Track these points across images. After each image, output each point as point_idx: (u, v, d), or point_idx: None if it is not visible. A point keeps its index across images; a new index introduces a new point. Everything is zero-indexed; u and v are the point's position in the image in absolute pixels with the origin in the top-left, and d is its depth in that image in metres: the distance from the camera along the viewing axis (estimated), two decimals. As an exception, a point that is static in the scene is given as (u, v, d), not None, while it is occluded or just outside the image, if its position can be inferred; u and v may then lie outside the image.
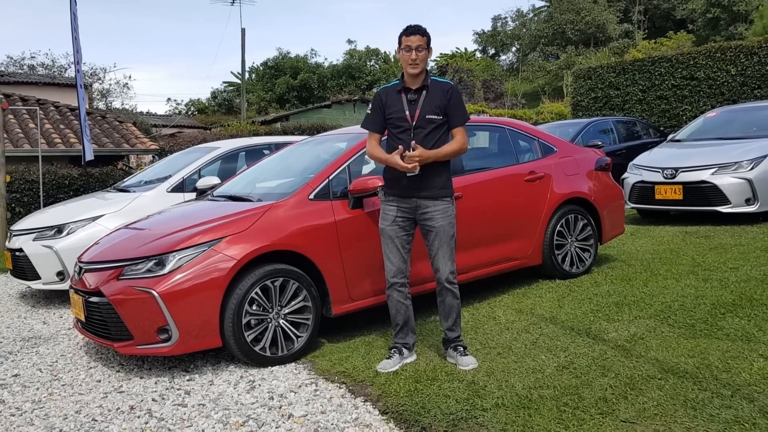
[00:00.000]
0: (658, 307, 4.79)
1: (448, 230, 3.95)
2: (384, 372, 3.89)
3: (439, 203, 3.95)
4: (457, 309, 4.04)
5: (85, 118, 9.96)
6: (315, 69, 40.47)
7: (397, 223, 3.99)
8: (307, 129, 17.09)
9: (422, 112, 3.90)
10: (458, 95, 4.00)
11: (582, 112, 16.90)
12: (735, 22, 33.29)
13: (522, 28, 47.74)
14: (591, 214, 6.12)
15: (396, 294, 4.05)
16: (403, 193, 3.96)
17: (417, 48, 3.84)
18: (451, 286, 3.99)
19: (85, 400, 3.89)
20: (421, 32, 3.87)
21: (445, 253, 3.96)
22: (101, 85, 30.94)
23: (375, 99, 4.08)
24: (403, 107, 3.93)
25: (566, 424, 3.06)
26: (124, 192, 7.37)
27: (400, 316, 4.07)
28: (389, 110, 3.97)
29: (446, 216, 3.95)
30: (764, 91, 13.49)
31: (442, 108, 3.91)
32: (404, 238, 4.01)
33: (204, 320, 4.06)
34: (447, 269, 3.97)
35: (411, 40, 3.85)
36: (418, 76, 3.91)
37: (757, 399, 3.15)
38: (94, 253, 4.71)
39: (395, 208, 3.99)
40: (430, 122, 3.89)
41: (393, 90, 4.02)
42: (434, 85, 3.96)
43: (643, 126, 13.27)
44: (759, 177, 8.00)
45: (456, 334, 4.05)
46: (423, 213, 3.96)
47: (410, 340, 4.13)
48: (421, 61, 3.87)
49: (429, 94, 3.92)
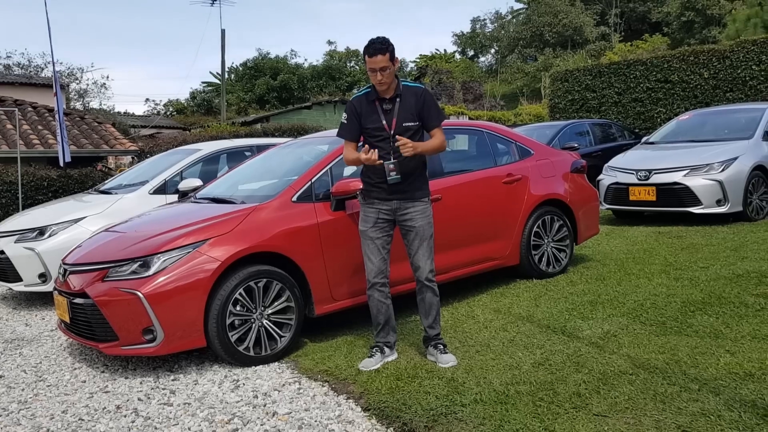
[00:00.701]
0: (630, 306, 4.95)
1: (428, 230, 4.08)
2: (366, 370, 3.99)
3: (419, 204, 4.08)
4: (436, 307, 4.16)
5: (62, 121, 9.92)
6: (295, 70, 40.46)
7: (378, 225, 4.09)
8: (287, 130, 17.11)
9: (399, 120, 3.98)
10: (431, 98, 4.09)
11: (559, 114, 17.15)
12: (709, 25, 33.89)
13: (501, 30, 48.14)
14: (567, 215, 6.28)
15: (377, 294, 4.15)
16: (383, 196, 4.06)
17: (381, 69, 3.87)
18: (431, 284, 4.12)
19: (71, 400, 3.94)
20: (382, 51, 3.86)
21: (425, 252, 4.08)
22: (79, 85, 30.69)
23: (349, 108, 4.12)
24: (379, 117, 4.00)
25: (541, 418, 3.18)
26: (106, 194, 7.38)
27: (382, 315, 4.17)
28: (365, 120, 4.04)
29: (425, 216, 4.08)
30: (736, 95, 13.80)
31: (416, 113, 4.01)
32: (385, 240, 4.12)
33: (188, 321, 4.13)
34: (427, 267, 4.09)
35: (375, 62, 3.86)
36: (389, 88, 3.99)
37: (723, 392, 3.30)
38: (78, 255, 4.75)
39: (376, 211, 4.09)
40: (407, 129, 3.98)
41: (365, 99, 4.06)
42: (406, 92, 4.03)
43: (619, 128, 13.52)
44: (729, 179, 8.23)
45: (436, 332, 4.17)
46: (403, 214, 4.08)
47: (391, 339, 4.23)
48: (387, 79, 3.91)
49: (403, 102, 4.01)
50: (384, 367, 4.04)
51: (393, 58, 3.93)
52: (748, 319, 4.42)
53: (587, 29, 40.61)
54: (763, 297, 4.88)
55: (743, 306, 4.71)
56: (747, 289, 5.12)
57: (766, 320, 4.36)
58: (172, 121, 36.59)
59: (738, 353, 3.80)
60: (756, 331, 4.15)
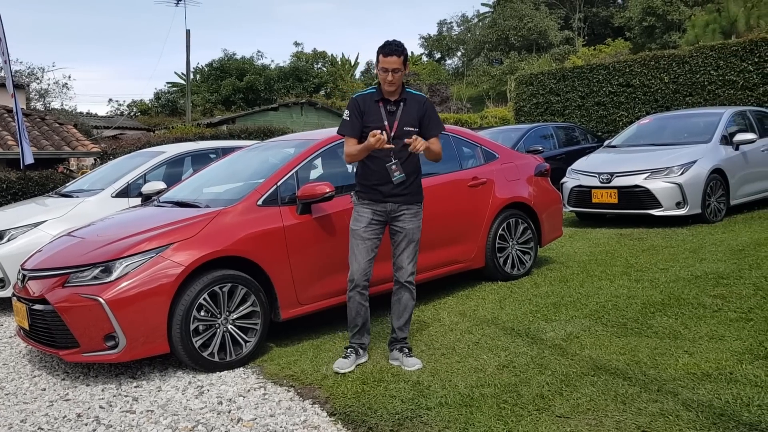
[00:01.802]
0: (593, 307, 5.03)
1: (416, 233, 4.17)
2: (341, 371, 4.02)
3: (413, 207, 4.16)
4: (410, 310, 4.21)
5: (22, 120, 9.69)
6: (261, 71, 40.14)
7: (371, 226, 4.13)
8: (254, 132, 16.99)
9: (401, 123, 4.06)
10: (432, 107, 4.23)
11: (524, 117, 17.34)
12: (669, 30, 34.67)
13: (467, 33, 48.58)
14: (531, 218, 6.36)
15: (358, 296, 4.16)
16: (379, 198, 4.11)
17: (393, 70, 3.96)
18: (410, 286, 4.19)
19: (30, 408, 3.86)
20: (398, 53, 3.95)
21: (410, 254, 4.16)
22: (39, 85, 29.98)
23: (352, 105, 4.13)
24: (381, 117, 4.06)
25: (505, 420, 3.22)
26: (67, 197, 7.25)
27: (360, 317, 4.20)
28: (367, 118, 4.08)
29: (417, 219, 4.17)
30: (695, 99, 14.12)
31: (418, 120, 4.10)
32: (374, 242, 4.16)
33: (151, 327, 4.08)
34: (409, 269, 4.16)
35: (388, 62, 3.95)
36: (395, 91, 4.07)
37: (681, 393, 3.38)
38: (38, 260, 4.66)
39: (370, 211, 4.13)
40: (407, 134, 4.03)
41: (370, 99, 4.11)
42: (411, 98, 4.13)
43: (582, 132, 13.74)
44: (688, 181, 8.42)
45: (404, 335, 4.20)
46: (397, 216, 4.14)
47: (365, 341, 4.28)
48: (397, 81, 4.01)
49: (407, 107, 4.09)
50: (350, 371, 4.04)
51: (405, 63, 4.02)
52: (705, 319, 4.53)
53: (551, 33, 41.22)
54: (720, 298, 5.01)
55: (701, 307, 4.82)
56: (705, 290, 5.25)
57: (723, 321, 4.47)
58: (136, 122, 36.04)
59: (696, 354, 3.89)
60: (713, 332, 4.26)
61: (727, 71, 13.68)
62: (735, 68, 13.57)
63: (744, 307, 4.74)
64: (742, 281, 5.43)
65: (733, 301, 4.89)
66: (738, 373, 3.56)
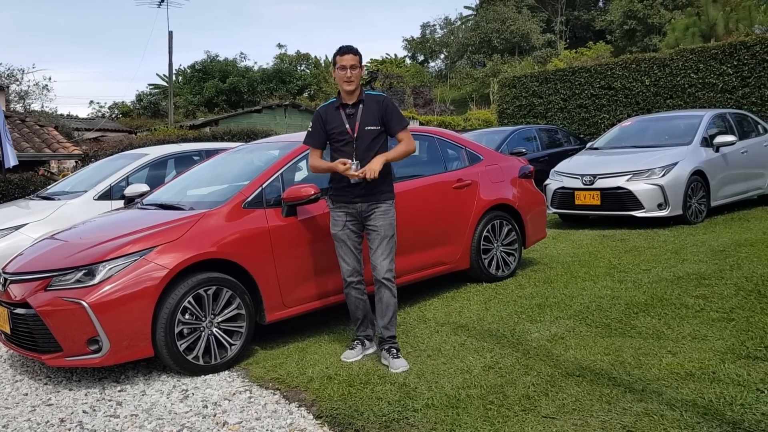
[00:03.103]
0: (577, 308, 5.07)
1: (388, 230, 4.21)
2: (347, 361, 4.18)
3: (382, 205, 4.22)
4: (393, 308, 4.23)
5: (4, 122, 9.59)
6: (245, 73, 40.00)
7: (348, 227, 4.25)
8: (237, 134, 16.91)
9: (361, 124, 4.16)
10: (392, 104, 4.30)
11: (507, 119, 17.44)
12: (650, 33, 34.99)
13: (450, 36, 48.68)
14: (515, 219, 6.39)
15: (354, 292, 4.32)
16: (348, 200, 4.21)
17: (351, 67, 4.13)
18: (389, 283, 4.20)
19: (12, 414, 3.81)
20: (353, 52, 4.17)
21: (384, 251, 4.18)
22: (19, 87, 29.60)
23: (315, 117, 4.32)
24: (342, 122, 4.19)
25: (492, 421, 3.23)
26: (48, 200, 7.17)
27: (360, 311, 4.34)
28: (330, 126, 4.22)
29: (387, 216, 4.22)
30: (676, 101, 14.29)
31: (378, 118, 4.19)
32: (356, 240, 4.28)
33: (135, 330, 4.04)
34: (385, 266, 4.18)
35: (345, 59, 4.14)
36: (354, 92, 4.19)
37: (665, 392, 3.41)
38: (19, 263, 4.60)
39: (344, 214, 4.25)
40: (369, 133, 4.17)
41: (331, 107, 4.28)
42: (369, 99, 4.24)
43: (564, 134, 13.83)
44: (670, 183, 8.51)
45: (390, 333, 4.21)
46: (367, 215, 4.22)
47: (371, 332, 4.40)
48: (356, 78, 4.16)
49: (365, 107, 4.20)
50: (336, 373, 4.04)
51: (361, 63, 4.21)
52: (688, 320, 4.58)
53: (534, 36, 41.44)
54: (702, 298, 5.06)
55: (684, 307, 4.87)
56: (687, 291, 5.30)
57: (705, 321, 4.52)
58: (118, 124, 35.71)
59: (679, 353, 3.93)
60: (696, 332, 4.31)
61: (707, 74, 13.86)
62: (714, 71, 13.75)
63: (726, 307, 4.79)
64: (723, 281, 5.50)
65: (715, 302, 4.94)
66: (721, 372, 3.60)
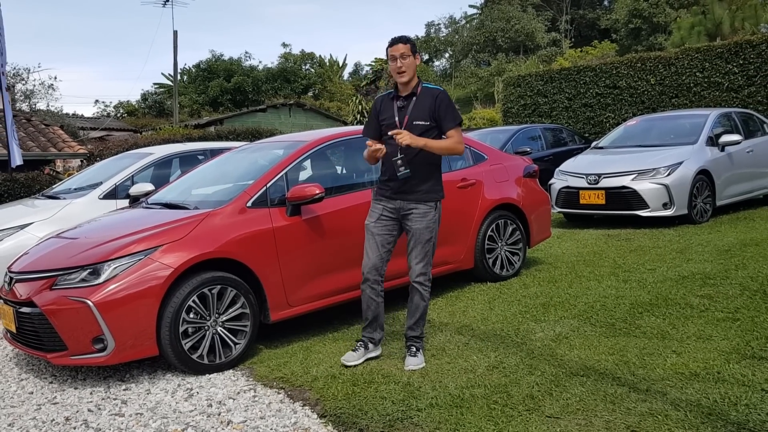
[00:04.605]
0: (581, 308, 5.06)
1: (424, 234, 4.11)
2: (347, 364, 4.06)
3: (422, 206, 4.11)
4: (422, 310, 4.18)
5: (11, 122, 9.63)
6: (249, 72, 40.03)
7: (382, 221, 4.15)
8: (242, 133, 16.94)
9: (410, 118, 4.08)
10: (447, 100, 4.15)
11: (512, 118, 17.41)
12: (655, 32, 34.86)
13: (455, 35, 48.63)
14: (520, 219, 6.38)
15: (369, 290, 4.19)
16: (388, 195, 4.15)
17: (401, 56, 4.03)
18: (420, 287, 4.15)
19: (18, 412, 3.83)
20: (403, 41, 4.07)
21: (418, 254, 4.12)
22: (24, 86, 29.65)
23: (373, 106, 4.32)
24: (393, 113, 4.13)
25: (496, 421, 3.23)
26: (54, 199, 7.20)
27: (370, 311, 4.22)
28: (382, 116, 4.20)
29: (424, 219, 4.10)
30: (681, 101, 14.24)
31: (430, 114, 4.08)
32: (385, 237, 4.16)
33: (140, 329, 4.05)
34: (417, 270, 4.13)
35: (395, 49, 4.06)
36: (408, 83, 4.10)
37: (670, 392, 3.40)
38: (25, 262, 4.62)
39: (381, 207, 4.18)
40: (417, 128, 4.05)
41: (387, 97, 4.26)
42: (424, 92, 4.13)
43: (569, 133, 13.81)
44: (675, 182, 8.49)
45: (415, 334, 4.19)
46: (405, 214, 4.14)
47: (377, 336, 4.27)
48: (408, 68, 4.05)
49: (418, 101, 4.10)
50: (340, 372, 4.04)
51: (414, 51, 4.09)
52: (693, 319, 4.57)
53: (539, 35, 41.36)
54: (707, 298, 5.05)
55: (688, 307, 4.86)
56: (692, 291, 5.29)
57: (710, 321, 4.51)
58: (123, 123, 35.80)
59: (684, 353, 3.92)
60: (701, 332, 4.29)
61: (713, 73, 13.81)
62: (720, 70, 13.70)
63: (731, 307, 4.78)
64: (728, 281, 5.48)
65: (720, 301, 4.93)
66: (725, 372, 3.59)
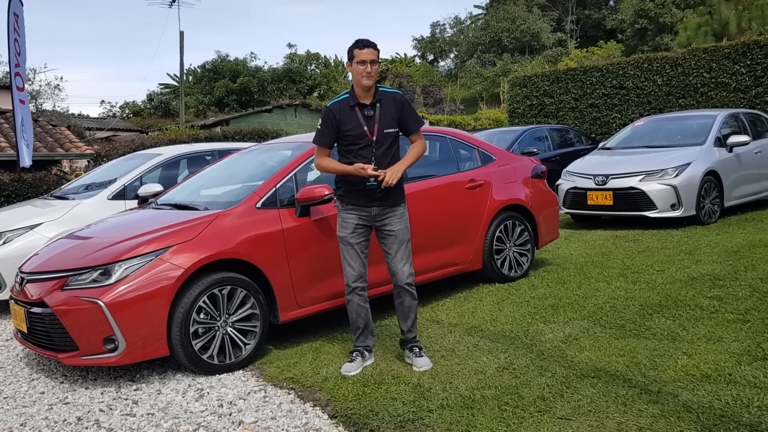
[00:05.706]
0: (590, 309, 5.05)
1: (405, 234, 4.13)
2: (348, 375, 4.01)
3: (398, 209, 4.13)
4: (414, 310, 4.20)
5: (21, 123, 9.66)
6: (255, 72, 40.04)
7: (357, 231, 4.11)
8: (248, 133, 16.96)
9: (380, 126, 4.02)
10: (409, 103, 4.17)
11: (518, 118, 17.38)
12: (661, 33, 34.81)
13: (460, 35, 48.63)
14: (528, 220, 6.37)
15: (357, 299, 4.17)
16: (364, 203, 4.08)
17: (371, 62, 3.96)
18: (410, 288, 4.15)
19: (30, 412, 3.84)
20: (374, 46, 4.00)
21: (404, 256, 4.12)
22: (31, 87, 29.76)
23: (327, 115, 4.07)
24: (360, 123, 4.01)
25: (507, 422, 3.23)
26: (63, 199, 7.21)
27: (361, 319, 4.20)
28: (345, 127, 4.03)
29: (403, 220, 4.14)
30: (688, 101, 14.20)
31: (395, 119, 4.07)
32: (363, 244, 4.15)
33: (151, 330, 4.07)
34: (406, 272, 4.13)
35: (364, 53, 3.96)
36: (371, 89, 4.03)
37: (681, 394, 3.40)
38: (36, 262, 4.63)
39: (355, 217, 4.11)
40: (388, 136, 4.04)
41: (345, 106, 4.06)
42: (385, 98, 4.08)
43: (576, 134, 13.78)
44: (683, 183, 8.47)
45: (413, 335, 4.20)
46: (382, 219, 4.11)
47: (370, 343, 4.27)
48: (375, 74, 3.99)
49: (383, 107, 4.05)
50: (357, 373, 4.04)
51: (378, 58, 4.04)
52: (703, 321, 4.56)
53: (544, 35, 41.31)
54: (717, 299, 5.03)
55: (698, 308, 4.85)
56: (702, 292, 5.28)
57: (720, 322, 4.50)
58: (129, 123, 35.84)
59: (695, 355, 3.91)
60: (711, 333, 4.28)
61: (720, 73, 13.76)
62: (727, 70, 13.65)
63: (741, 308, 4.77)
64: (738, 283, 5.46)
65: (730, 303, 4.92)
66: (737, 374, 3.58)
